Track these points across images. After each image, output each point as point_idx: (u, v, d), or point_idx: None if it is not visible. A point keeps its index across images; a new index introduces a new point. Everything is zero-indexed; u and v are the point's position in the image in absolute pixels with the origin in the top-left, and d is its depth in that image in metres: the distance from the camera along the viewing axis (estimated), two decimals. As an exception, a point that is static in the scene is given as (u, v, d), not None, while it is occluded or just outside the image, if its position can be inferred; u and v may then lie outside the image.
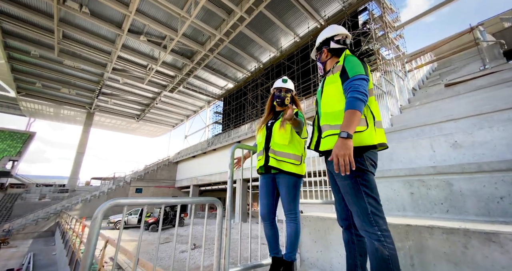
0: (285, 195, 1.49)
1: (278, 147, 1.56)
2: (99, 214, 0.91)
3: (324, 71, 1.36)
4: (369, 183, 0.98)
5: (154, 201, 1.13)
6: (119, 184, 23.15)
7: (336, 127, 1.05)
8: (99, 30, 16.03)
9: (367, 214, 0.94)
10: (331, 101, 1.13)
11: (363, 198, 0.96)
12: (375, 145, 1.02)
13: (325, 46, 1.33)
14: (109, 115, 30.33)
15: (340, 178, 1.03)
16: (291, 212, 1.47)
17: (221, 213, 1.37)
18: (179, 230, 15.17)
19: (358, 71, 1.06)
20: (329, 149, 1.05)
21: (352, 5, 14.45)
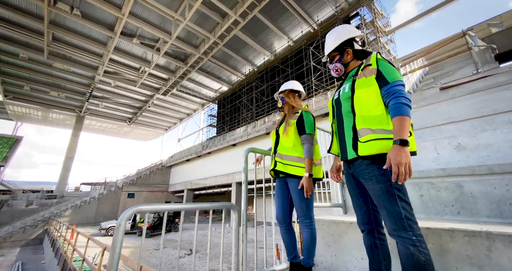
0: (297, 199, 1.48)
1: (284, 150, 1.58)
2: (123, 221, 0.92)
3: (344, 73, 1.31)
4: (402, 187, 0.98)
5: (175, 206, 1.13)
6: (111, 189, 22.57)
7: (379, 131, 1.03)
8: (90, 32, 15.75)
9: (401, 218, 0.93)
10: (367, 104, 1.10)
11: (397, 202, 0.95)
12: (415, 151, 1.02)
13: (347, 46, 1.27)
14: (100, 118, 29.66)
15: (371, 182, 1.03)
16: (305, 217, 1.45)
17: (237, 218, 1.35)
18: (173, 236, 14.90)
19: (397, 77, 1.06)
20: (372, 153, 1.02)
21: (344, 10, 14.80)
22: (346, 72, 1.30)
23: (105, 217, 20.66)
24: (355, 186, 1.19)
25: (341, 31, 1.30)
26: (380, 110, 1.06)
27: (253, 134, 15.41)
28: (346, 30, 1.29)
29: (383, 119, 1.04)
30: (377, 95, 1.08)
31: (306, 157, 1.48)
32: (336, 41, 1.28)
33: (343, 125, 1.19)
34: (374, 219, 1.13)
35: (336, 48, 1.29)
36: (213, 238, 12.70)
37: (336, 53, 1.31)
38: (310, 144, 1.52)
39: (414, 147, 1.02)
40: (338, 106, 1.24)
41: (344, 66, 1.29)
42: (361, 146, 1.07)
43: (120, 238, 0.90)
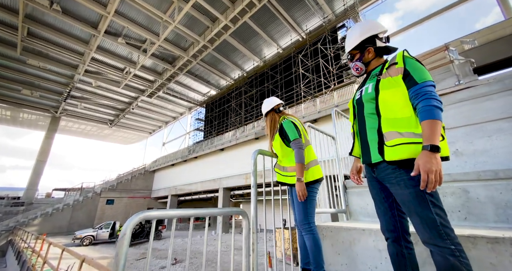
0: (296, 205, 1.55)
1: (280, 162, 1.70)
2: (128, 230, 0.83)
3: (365, 73, 1.24)
4: (434, 192, 0.92)
5: (183, 212, 1.03)
6: (87, 195, 21.16)
7: (408, 135, 0.96)
8: (71, 29, 14.99)
9: (436, 226, 0.87)
10: (394, 106, 1.02)
11: (430, 208, 0.89)
12: (448, 156, 0.98)
13: (368, 44, 1.19)
14: (78, 120, 28.00)
15: (399, 186, 0.97)
16: (304, 223, 1.47)
17: (247, 226, 1.26)
18: (156, 244, 14.17)
19: (427, 77, 0.98)
20: (401, 158, 0.96)
21: (331, 21, 15.40)
22: (367, 71, 1.25)
23: (79, 226, 19.24)
24: (379, 191, 1.14)
25: (363, 28, 1.21)
26: (408, 112, 0.99)
27: (241, 139, 15.30)
28: (368, 27, 1.20)
29: (412, 122, 0.98)
30: (404, 97, 1.01)
31: (296, 162, 1.53)
32: (357, 39, 1.21)
33: (365, 127, 1.14)
34: (400, 226, 1.07)
35: (357, 46, 1.22)
36: (198, 245, 12.25)
37: (356, 51, 1.24)
38: (298, 148, 1.56)
39: (447, 151, 0.97)
40: (360, 107, 1.18)
41: (365, 65, 1.23)
42: (388, 150, 1.01)
43: (124, 249, 0.80)
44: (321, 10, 15.26)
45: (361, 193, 1.98)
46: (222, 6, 13.99)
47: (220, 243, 1.17)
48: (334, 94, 12.26)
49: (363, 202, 1.93)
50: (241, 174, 14.85)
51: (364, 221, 1.86)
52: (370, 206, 1.87)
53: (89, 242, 14.02)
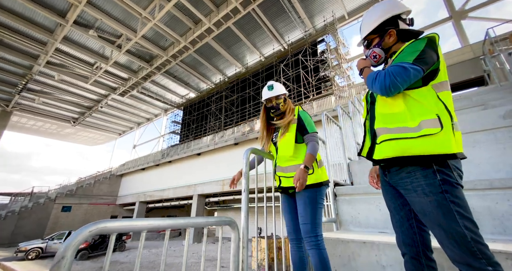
0: (302, 214, 1.30)
1: (284, 161, 1.44)
2: (69, 251, 0.54)
3: (384, 60, 1.08)
4: (461, 200, 0.78)
5: (156, 223, 0.78)
6: (39, 201, 18.64)
7: (395, 130, 0.87)
8: (33, 16, 13.51)
9: (467, 242, 0.73)
10: (390, 100, 0.93)
11: (457, 220, 0.75)
12: (455, 154, 0.80)
13: (390, 26, 1.02)
14: (35, 116, 24.96)
15: (416, 194, 0.83)
16: (310, 235, 1.25)
17: (236, 239, 1.05)
18: (118, 256, 12.84)
19: (404, 59, 0.87)
20: (386, 157, 0.88)
21: (312, 35, 16.10)
22: (387, 58, 1.07)
23: (26, 236, 16.70)
24: (393, 197, 0.99)
25: (383, 7, 1.03)
26: (403, 106, 0.89)
27: (221, 144, 14.89)
28: (389, 6, 1.02)
29: (406, 115, 0.87)
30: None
31: (309, 152, 1.34)
32: (376, 21, 1.03)
33: (370, 124, 1.03)
34: (420, 239, 0.92)
35: (375, 29, 1.04)
36: (168, 257, 11.36)
37: (375, 35, 1.06)
38: (315, 142, 1.39)
39: (451, 146, 0.81)
40: (373, 101, 1.06)
41: (384, 52, 1.05)
42: (376, 148, 0.93)
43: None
44: (303, 23, 15.89)
45: (351, 201, 1.89)
46: (206, 9, 13.82)
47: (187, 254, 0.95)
48: (313, 104, 12.63)
49: (354, 211, 1.84)
50: (218, 180, 14.36)
51: (355, 231, 1.77)
52: (361, 215, 1.79)
53: (35, 256, 12.14)
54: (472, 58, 9.52)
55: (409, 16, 1.05)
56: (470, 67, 9.43)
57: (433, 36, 0.91)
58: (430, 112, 0.84)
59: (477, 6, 11.84)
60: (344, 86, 15.44)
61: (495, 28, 5.08)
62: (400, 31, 1.02)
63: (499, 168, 1.63)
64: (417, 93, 0.88)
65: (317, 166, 1.37)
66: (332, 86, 14.36)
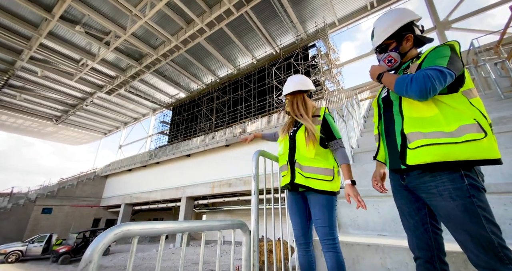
0: (319, 216, 1.27)
1: (305, 161, 1.34)
2: (95, 255, 0.54)
3: (399, 66, 1.10)
4: (486, 205, 0.78)
5: (175, 226, 0.78)
6: (18, 202, 17.58)
7: (431, 135, 0.85)
8: (18, 9, 12.87)
9: (494, 247, 0.72)
10: (418, 104, 0.92)
11: (483, 225, 0.75)
12: (499, 159, 0.79)
13: (406, 32, 1.04)
14: (15, 113, 23.61)
15: (441, 198, 0.82)
16: (328, 238, 1.23)
17: (248, 243, 1.05)
18: (102, 261, 12.32)
19: (435, 63, 0.88)
20: (423, 162, 0.85)
21: (303, 40, 16.38)
22: (402, 63, 1.09)
23: (5, 239, 15.65)
24: (408, 201, 0.98)
25: (399, 13, 1.06)
26: (433, 110, 0.88)
27: (211, 145, 14.74)
28: (404, 13, 1.05)
29: (439, 120, 0.86)
30: None
31: (343, 163, 1.31)
32: (393, 26, 1.05)
33: (394, 127, 1.00)
34: (435, 244, 0.92)
35: (392, 35, 1.06)
36: (153, 261, 11.06)
37: (391, 40, 1.07)
38: (344, 149, 1.36)
39: (496, 152, 0.80)
40: (388, 105, 1.06)
41: (401, 56, 1.07)
42: (410, 153, 0.89)
43: None
44: (295, 28, 16.15)
45: (350, 204, 1.93)
46: (198, 9, 13.73)
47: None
48: (304, 107, 12.81)
49: (353, 214, 1.88)
50: (208, 182, 14.18)
51: (354, 234, 1.81)
52: (360, 218, 1.83)
53: (15, 259, 11.50)
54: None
55: (419, 23, 1.09)
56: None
57: (456, 44, 0.93)
58: (467, 118, 0.83)
59: (461, 17, 12.54)
60: (333, 91, 15.80)
61: (479, 39, 5.42)
62: (416, 36, 1.05)
63: (490, 173, 1.73)
64: (449, 99, 0.89)
65: (338, 174, 1.35)
66: (322, 91, 14.66)
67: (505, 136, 1.95)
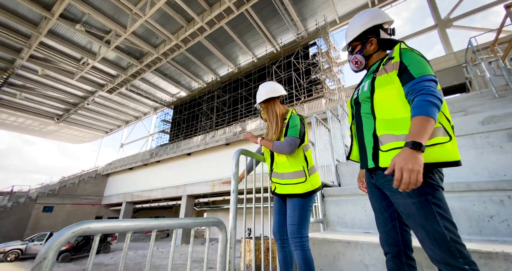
0: (290, 215, 1.34)
1: (280, 167, 1.42)
2: (51, 252, 0.53)
3: (364, 67, 1.13)
4: (441, 202, 0.81)
5: (143, 223, 0.76)
6: (18, 201, 17.77)
7: (403, 137, 0.86)
8: (17, 7, 12.92)
9: (446, 241, 0.76)
10: (390, 106, 0.93)
11: (437, 221, 0.78)
12: (459, 161, 0.82)
13: (371, 35, 1.07)
14: (15, 112, 23.81)
15: (400, 195, 0.86)
16: (295, 236, 1.28)
17: (224, 239, 1.05)
18: (103, 258, 12.44)
19: (426, 71, 0.87)
20: None
21: (304, 38, 16.30)
22: (368, 66, 1.13)
23: (4, 237, 15.85)
24: (378, 199, 1.02)
25: (366, 16, 1.08)
26: (406, 112, 0.89)
27: (211, 144, 14.76)
28: (372, 16, 1.07)
29: (408, 122, 0.86)
30: (401, 94, 0.91)
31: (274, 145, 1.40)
32: (359, 29, 1.09)
33: (362, 128, 1.03)
34: (402, 239, 0.95)
35: (358, 37, 1.10)
36: (155, 259, 11.13)
37: (357, 42, 1.11)
38: (286, 143, 1.36)
39: (457, 155, 0.83)
40: (357, 107, 1.08)
41: (365, 59, 1.11)
42: (382, 155, 0.91)
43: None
44: (295, 26, 16.07)
45: (338, 202, 1.93)
46: (199, 8, 13.71)
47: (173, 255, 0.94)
48: (304, 106, 12.78)
49: (341, 212, 1.88)
50: (209, 181, 14.22)
51: (341, 231, 1.81)
52: (347, 216, 1.83)
53: (15, 257, 11.60)
54: (455, 65, 9.97)
55: (392, 26, 1.10)
56: (453, 74, 9.87)
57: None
58: None
59: (462, 15, 12.42)
60: (334, 89, 15.73)
61: (478, 37, 5.37)
62: (380, 40, 1.07)
63: (477, 172, 1.72)
64: None
65: (308, 173, 1.36)
66: (322, 89, 14.60)
67: (496, 134, 1.93)
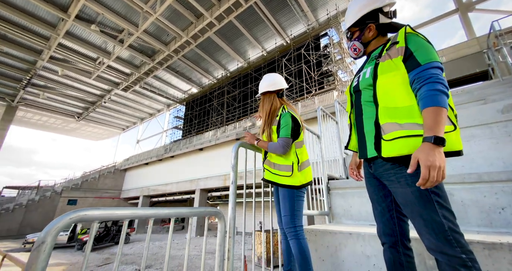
0: (282, 207, 1.40)
1: (273, 157, 1.48)
2: (49, 237, 0.55)
3: (363, 54, 1.09)
4: (441, 191, 0.79)
5: (139, 212, 0.79)
6: (45, 194, 19.09)
7: (408, 126, 0.83)
8: (36, 10, 13.52)
9: (444, 231, 0.75)
10: (394, 93, 0.88)
11: (436, 210, 0.77)
12: (462, 150, 0.80)
13: (370, 20, 1.01)
14: (39, 111, 25.28)
15: (399, 184, 0.84)
16: (289, 226, 1.33)
17: (223, 229, 1.09)
18: (123, 249, 13.14)
19: (432, 58, 0.82)
20: (400, 154, 0.83)
21: (315, 29, 15.85)
22: (367, 52, 1.08)
23: (33, 228, 17.22)
24: (376, 189, 1.01)
25: (364, 1, 1.02)
26: (411, 100, 0.85)
27: (222, 139, 14.95)
28: (370, 0, 1.01)
29: (415, 111, 0.83)
30: (405, 82, 0.87)
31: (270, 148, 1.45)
32: (357, 14, 1.03)
33: (362, 117, 1.00)
34: (399, 230, 0.95)
35: (357, 23, 1.05)
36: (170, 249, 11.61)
37: (356, 28, 1.06)
38: (278, 145, 1.41)
39: (460, 144, 0.81)
40: (357, 95, 1.04)
41: (364, 46, 1.06)
42: (385, 144, 0.87)
43: (40, 265, 0.53)
44: (305, 17, 15.63)
45: (344, 195, 1.91)
46: (207, 3, 13.67)
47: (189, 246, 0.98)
48: (315, 99, 12.54)
49: (346, 204, 1.86)
50: (220, 175, 14.49)
51: (347, 223, 1.79)
52: (353, 208, 1.81)
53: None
54: (478, 51, 9.29)
55: (394, 7, 1.02)
56: (475, 61, 9.22)
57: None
58: None
59: (486, -3, 11.47)
60: (347, 81, 15.26)
61: (501, 21, 4.93)
62: (379, 25, 1.02)
63: (492, 162, 1.63)
64: None
65: (297, 169, 1.40)
66: (334, 81, 14.21)
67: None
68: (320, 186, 2.08)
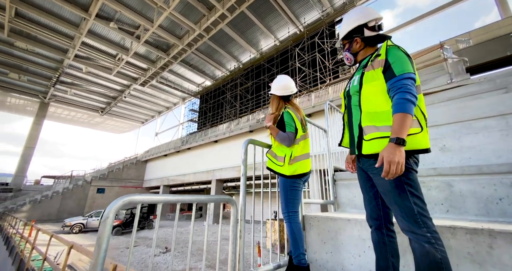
0: (280, 194, 1.61)
1: (274, 147, 1.69)
2: (111, 213, 0.80)
3: (355, 63, 1.24)
4: (413, 182, 0.94)
5: (169, 198, 1.02)
6: (77, 183, 20.88)
7: (384, 129, 0.98)
8: (61, 11, 14.29)
9: (414, 214, 0.90)
10: (374, 100, 1.04)
11: (408, 197, 0.92)
12: (429, 148, 0.97)
13: (356, 34, 1.17)
14: (68, 106, 27.20)
15: (379, 177, 0.99)
16: (284, 211, 1.54)
17: (235, 213, 1.27)
18: (147, 233, 14.24)
19: (406, 69, 0.97)
20: (375, 152, 0.99)
21: (330, 15, 15.20)
22: (357, 61, 1.23)
23: (69, 213, 19.07)
24: (365, 180, 1.16)
25: (353, 17, 1.17)
26: (387, 106, 1.00)
27: (236, 131, 15.25)
28: (357, 16, 1.16)
29: (391, 116, 0.96)
30: (384, 90, 1.01)
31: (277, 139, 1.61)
32: (346, 29, 1.19)
33: (352, 119, 1.15)
34: (383, 215, 1.10)
35: (346, 36, 1.21)
36: (188, 235, 12.37)
37: (346, 41, 1.22)
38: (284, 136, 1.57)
39: (427, 143, 0.97)
40: (349, 99, 1.19)
41: (354, 56, 1.22)
42: (365, 144, 1.03)
43: (107, 233, 0.77)
44: (320, 3, 15.01)
45: (349, 186, 2.02)
46: (219, -6, 13.57)
47: (207, 232, 1.18)
48: (329, 89, 12.27)
49: (351, 194, 1.97)
50: (234, 166, 14.90)
51: (350, 212, 1.91)
52: (357, 198, 1.92)
53: (79, 230, 14.01)
54: (510, 32, 8.45)
55: (380, 22, 1.16)
56: (507, 43, 8.41)
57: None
58: None
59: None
60: (364, 69, 14.65)
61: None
62: (365, 38, 1.16)
63: (500, 154, 1.64)
64: None
65: (288, 161, 1.55)
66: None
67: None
68: (327, 177, 2.20)
